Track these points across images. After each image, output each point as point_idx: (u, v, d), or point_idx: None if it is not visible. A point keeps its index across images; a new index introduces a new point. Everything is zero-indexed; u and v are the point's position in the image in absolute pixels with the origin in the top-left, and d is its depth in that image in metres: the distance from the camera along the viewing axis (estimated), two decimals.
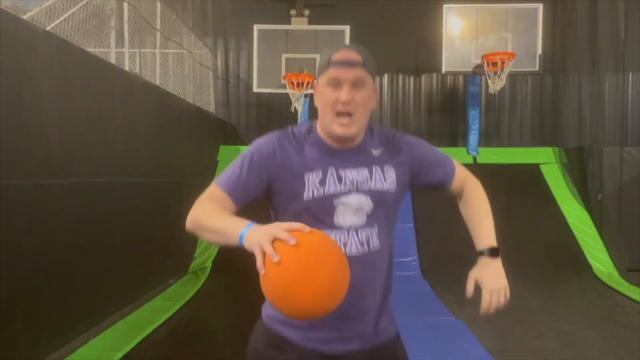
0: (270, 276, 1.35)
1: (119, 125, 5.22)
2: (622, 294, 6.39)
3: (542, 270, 7.28)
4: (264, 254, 1.33)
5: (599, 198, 8.11)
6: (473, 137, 9.71)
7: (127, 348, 4.40)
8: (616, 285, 6.76)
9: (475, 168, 9.68)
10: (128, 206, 5.40)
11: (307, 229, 1.36)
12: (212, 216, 1.57)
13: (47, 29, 4.29)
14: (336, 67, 1.56)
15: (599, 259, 7.67)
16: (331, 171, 1.62)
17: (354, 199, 1.62)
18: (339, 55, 1.57)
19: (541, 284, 6.83)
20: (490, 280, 1.78)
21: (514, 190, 8.88)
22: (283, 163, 1.63)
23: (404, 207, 8.85)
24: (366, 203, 1.64)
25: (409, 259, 7.58)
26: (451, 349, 4.41)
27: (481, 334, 4.86)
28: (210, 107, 9.86)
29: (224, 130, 10.09)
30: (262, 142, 1.68)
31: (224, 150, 9.68)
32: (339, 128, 1.58)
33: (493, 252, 1.84)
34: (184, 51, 8.20)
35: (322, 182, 1.61)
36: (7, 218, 3.42)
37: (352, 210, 1.63)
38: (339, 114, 1.57)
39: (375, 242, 1.67)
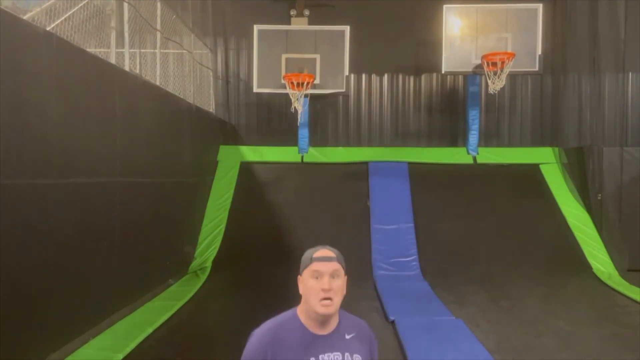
0: None
1: (119, 125, 5.22)
2: (622, 294, 6.39)
3: (542, 270, 7.28)
4: None
5: (599, 198, 8.11)
6: (473, 137, 9.71)
7: (127, 348, 4.40)
8: (616, 285, 6.77)
9: (475, 168, 9.74)
10: (128, 206, 5.40)
11: None
12: None
13: (47, 29, 4.28)
14: (318, 262, 2.03)
15: (599, 259, 7.67)
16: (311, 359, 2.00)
17: None
18: (319, 253, 2.05)
19: (541, 284, 6.83)
20: None
21: (514, 190, 8.89)
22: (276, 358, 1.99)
23: (404, 207, 8.83)
24: None
25: (409, 259, 7.59)
26: (451, 349, 4.40)
27: (481, 333, 4.87)
28: (210, 107, 9.86)
29: (224, 130, 10.10)
30: (254, 346, 2.05)
31: (224, 150, 9.68)
32: (322, 308, 1.99)
33: None
34: (184, 51, 8.20)
35: None
36: (7, 218, 3.42)
37: None
38: (322, 299, 1.99)
39: None
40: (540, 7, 8.89)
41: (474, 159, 9.66)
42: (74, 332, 4.35)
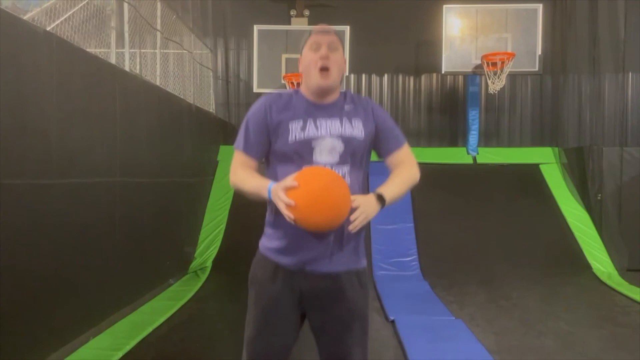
0: (296, 217, 1.95)
1: (119, 125, 5.22)
2: (622, 294, 6.40)
3: (542, 270, 7.28)
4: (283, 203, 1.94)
5: (599, 198, 8.11)
6: (473, 137, 9.71)
7: (127, 348, 4.40)
8: (616, 285, 6.77)
9: (475, 168, 9.74)
10: (128, 206, 5.40)
11: (294, 183, 1.93)
12: (244, 180, 2.23)
13: (47, 29, 4.29)
14: (316, 34, 2.11)
15: (599, 259, 7.67)
16: (310, 120, 2.11)
17: (328, 141, 2.11)
18: (317, 27, 2.14)
19: (541, 284, 6.83)
20: (365, 205, 2.08)
21: (514, 190, 8.89)
22: (272, 118, 2.14)
23: (404, 207, 8.84)
24: (338, 145, 2.12)
25: (409, 259, 7.59)
26: (451, 349, 4.40)
27: (481, 334, 4.87)
28: (210, 107, 9.86)
29: (224, 130, 10.10)
30: (255, 107, 2.23)
31: (224, 150, 9.68)
32: (320, 79, 2.08)
33: (379, 198, 2.18)
34: (184, 51, 8.21)
35: (303, 128, 2.10)
36: (7, 218, 3.42)
37: (327, 150, 2.11)
38: (320, 70, 2.07)
39: (347, 179, 2.14)
40: (540, 7, 8.89)
41: (474, 159, 9.66)
42: (74, 332, 4.35)
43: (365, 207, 2.07)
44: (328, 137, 2.10)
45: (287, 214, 1.93)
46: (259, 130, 2.16)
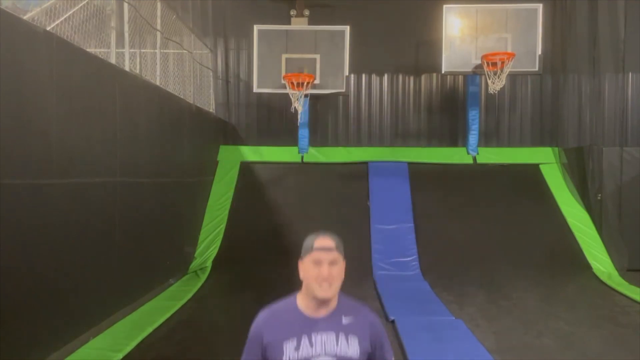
0: None
1: (119, 125, 5.22)
2: (622, 294, 6.39)
3: (542, 270, 7.28)
4: None
5: (599, 198, 8.11)
6: (473, 137, 9.71)
7: (128, 348, 4.40)
8: (616, 285, 6.77)
9: (475, 168, 9.72)
10: (128, 206, 5.40)
11: None
12: None
13: (47, 29, 4.29)
14: (318, 251, 2.14)
15: (599, 259, 7.67)
16: (305, 337, 2.11)
17: None
18: (319, 242, 2.15)
19: (541, 284, 6.83)
20: None
21: (514, 190, 8.89)
22: (267, 340, 2.13)
23: (404, 207, 8.81)
24: None
25: (409, 259, 7.59)
26: (451, 349, 4.40)
27: (481, 334, 4.87)
28: (210, 107, 9.86)
29: (224, 130, 10.10)
30: (253, 328, 2.20)
31: (224, 150, 9.68)
32: (321, 292, 2.11)
33: None
34: (184, 51, 8.21)
35: (297, 347, 2.09)
36: (7, 218, 3.42)
37: None
38: (321, 284, 2.11)
39: None
40: (540, 7, 8.89)
41: (474, 159, 9.66)
42: (74, 332, 4.35)
43: None
44: (322, 355, 2.10)
45: None
46: (255, 349, 2.17)
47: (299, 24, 9.88)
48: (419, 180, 9.03)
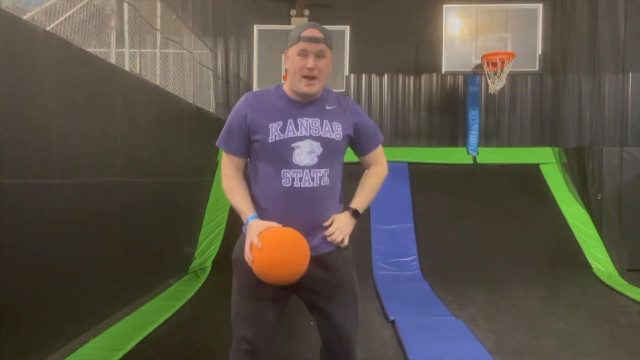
0: (255, 263, 2.23)
1: (119, 125, 5.22)
2: (622, 294, 6.39)
3: (542, 270, 7.28)
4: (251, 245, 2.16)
5: (599, 198, 8.11)
6: (473, 137, 9.71)
7: (127, 348, 4.40)
8: (616, 285, 6.77)
9: (475, 168, 9.72)
10: (128, 206, 5.40)
11: (259, 245, 2.11)
12: (232, 194, 2.25)
13: (47, 29, 4.29)
14: (304, 41, 2.07)
15: (599, 259, 7.67)
16: (290, 121, 2.12)
17: (307, 143, 2.13)
18: (307, 32, 2.09)
19: (541, 284, 6.83)
20: (341, 223, 2.29)
21: (514, 190, 8.89)
22: (252, 120, 2.14)
23: (404, 207, 8.82)
24: (317, 147, 2.15)
25: (409, 259, 7.58)
26: (451, 349, 4.40)
27: (481, 334, 4.87)
28: (210, 107, 9.86)
29: None
30: (236, 108, 2.22)
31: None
32: (305, 87, 2.09)
33: (354, 213, 2.38)
34: (184, 51, 8.21)
35: (283, 129, 2.11)
36: (7, 218, 3.42)
37: (306, 152, 2.13)
38: (305, 77, 2.08)
39: (325, 180, 2.21)
40: (540, 7, 8.89)
41: (474, 159, 9.66)
42: (74, 332, 4.35)
43: (340, 223, 2.28)
44: (307, 138, 2.13)
45: (248, 254, 2.16)
46: (239, 131, 2.17)
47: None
48: (419, 180, 9.03)
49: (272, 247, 2.10)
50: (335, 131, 2.19)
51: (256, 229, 2.10)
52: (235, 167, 2.24)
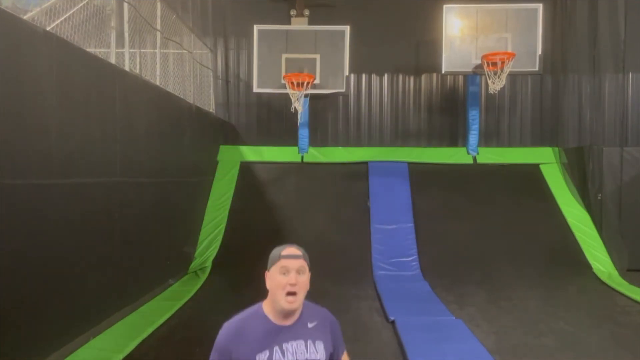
0: None
1: (119, 125, 5.22)
2: (622, 294, 6.39)
3: (542, 270, 7.28)
4: None
5: (599, 198, 8.11)
6: (473, 137, 9.71)
7: (128, 348, 4.40)
8: (616, 285, 6.77)
9: (475, 168, 9.71)
10: (128, 206, 5.40)
11: None
12: None
13: (47, 29, 4.28)
14: (285, 259, 2.17)
15: (599, 259, 7.67)
16: (276, 349, 2.13)
17: None
18: (287, 251, 2.18)
19: (541, 284, 6.83)
20: None
21: (514, 190, 8.89)
22: (237, 356, 2.12)
23: (404, 207, 8.82)
24: None
25: (409, 259, 7.58)
26: (451, 349, 4.40)
27: (481, 334, 4.87)
28: (210, 107, 9.86)
29: (224, 130, 10.10)
30: (219, 346, 2.18)
31: (224, 150, 9.68)
32: (286, 304, 2.13)
33: None
34: (184, 51, 8.20)
35: (270, 359, 2.11)
36: (7, 218, 3.42)
37: None
38: (287, 294, 2.13)
39: None
40: (540, 7, 8.89)
41: (474, 159, 9.66)
42: (74, 332, 4.35)
43: None
44: None
45: None
46: None
47: (299, 24, 9.88)
48: (419, 180, 9.03)
49: None
50: (319, 351, 2.22)
51: None
52: None
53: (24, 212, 3.66)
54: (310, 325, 2.26)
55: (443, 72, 9.09)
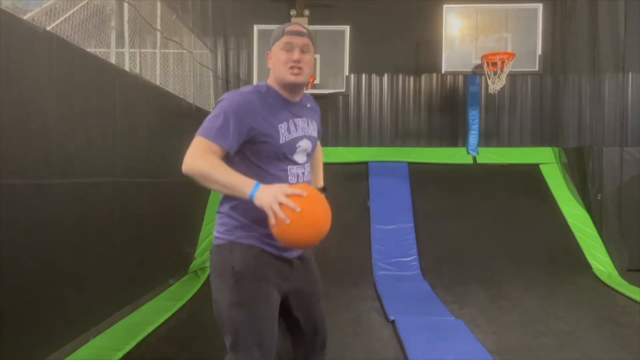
0: (281, 231, 1.94)
1: (119, 125, 5.22)
2: (622, 294, 6.39)
3: (542, 270, 7.28)
4: (274, 213, 1.88)
5: (599, 198, 8.11)
6: (473, 137, 9.71)
7: (127, 348, 4.40)
8: (616, 285, 6.77)
9: (475, 168, 9.73)
10: (128, 206, 5.40)
11: (303, 192, 1.93)
12: (218, 170, 2.01)
13: (47, 29, 4.29)
14: (289, 35, 2.08)
15: (599, 259, 7.67)
16: (292, 121, 2.16)
17: (305, 142, 2.22)
18: (291, 27, 2.11)
19: (541, 284, 6.83)
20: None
21: (514, 190, 8.89)
22: (263, 117, 2.09)
23: (404, 207, 8.82)
24: (309, 145, 2.25)
25: (409, 259, 7.59)
26: (451, 349, 4.40)
27: (481, 334, 4.87)
28: (211, 107, 9.85)
29: None
30: (241, 99, 2.11)
31: None
32: (292, 76, 2.08)
33: (323, 189, 2.44)
34: (184, 51, 8.20)
35: (289, 130, 2.15)
36: (7, 218, 3.42)
37: (303, 149, 2.22)
38: (292, 67, 2.08)
39: (308, 174, 2.27)
40: (540, 7, 8.89)
41: (474, 159, 9.66)
42: (74, 332, 4.35)
43: None
44: (304, 138, 2.22)
45: (282, 215, 1.87)
46: (241, 126, 2.06)
47: None
48: (419, 180, 9.03)
49: (312, 200, 1.96)
50: (315, 129, 2.32)
51: (279, 189, 1.91)
52: (218, 158, 2.07)
53: (23, 212, 3.66)
54: (308, 105, 2.32)
55: (443, 72, 9.09)
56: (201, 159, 2.06)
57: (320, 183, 2.54)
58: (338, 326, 5.00)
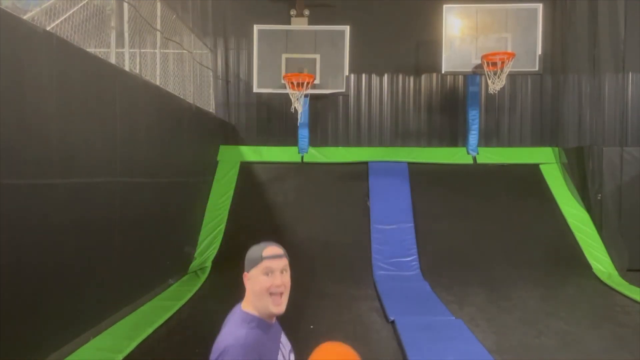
0: None
1: (119, 125, 5.22)
2: (622, 294, 6.39)
3: (542, 270, 7.29)
4: None
5: (599, 198, 8.11)
6: (473, 137, 9.71)
7: (128, 348, 4.40)
8: (616, 285, 6.77)
9: (475, 168, 9.71)
10: (128, 206, 5.40)
11: None
12: None
13: (47, 29, 4.28)
14: (269, 259, 2.06)
15: (599, 259, 7.67)
16: (280, 346, 2.15)
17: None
18: (269, 251, 2.08)
19: (541, 284, 6.83)
20: None
21: (514, 190, 8.89)
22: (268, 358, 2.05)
23: (404, 207, 8.83)
24: None
25: (409, 259, 7.59)
26: (451, 349, 4.40)
27: (481, 333, 4.87)
28: (210, 107, 9.86)
29: (224, 130, 10.10)
30: (250, 350, 2.02)
31: (224, 150, 9.68)
32: (275, 308, 2.06)
33: None
34: (184, 51, 8.20)
35: (284, 357, 2.13)
36: (7, 218, 3.42)
37: None
38: (272, 294, 2.05)
39: None
40: (540, 7, 8.89)
41: (474, 159, 9.66)
42: (74, 332, 4.35)
43: None
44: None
45: None
46: None
47: (299, 24, 9.88)
48: (419, 180, 9.03)
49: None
50: (288, 344, 2.25)
51: None
52: None
53: (23, 212, 3.66)
54: (274, 320, 2.25)
55: (443, 72, 9.09)
56: None
57: None
58: (338, 326, 5.00)
